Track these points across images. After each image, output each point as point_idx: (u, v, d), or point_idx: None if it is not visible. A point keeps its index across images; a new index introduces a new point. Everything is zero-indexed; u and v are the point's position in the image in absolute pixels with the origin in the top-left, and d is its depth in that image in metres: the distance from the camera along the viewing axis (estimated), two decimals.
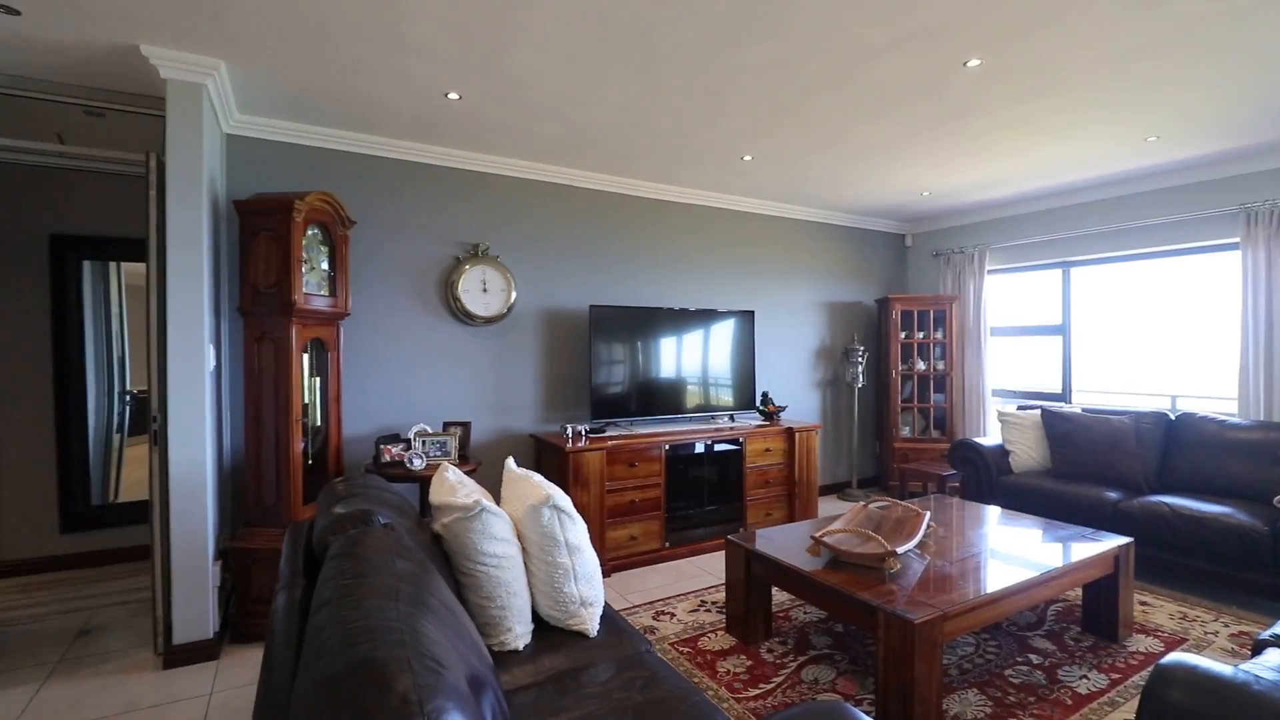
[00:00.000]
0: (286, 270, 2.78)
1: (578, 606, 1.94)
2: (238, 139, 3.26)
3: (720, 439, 4.08)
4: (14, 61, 2.61)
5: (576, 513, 2.00)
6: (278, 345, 2.82)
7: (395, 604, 1.16)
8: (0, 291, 3.47)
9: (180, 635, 2.55)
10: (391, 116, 3.25)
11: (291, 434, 2.80)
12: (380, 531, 1.53)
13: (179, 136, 2.59)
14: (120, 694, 2.35)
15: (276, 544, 2.73)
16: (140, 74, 2.71)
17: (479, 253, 3.87)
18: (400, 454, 3.23)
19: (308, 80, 2.83)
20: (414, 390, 3.70)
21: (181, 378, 2.55)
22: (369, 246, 3.56)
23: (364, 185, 3.57)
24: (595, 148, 3.74)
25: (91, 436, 3.68)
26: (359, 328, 3.52)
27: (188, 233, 2.59)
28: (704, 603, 3.18)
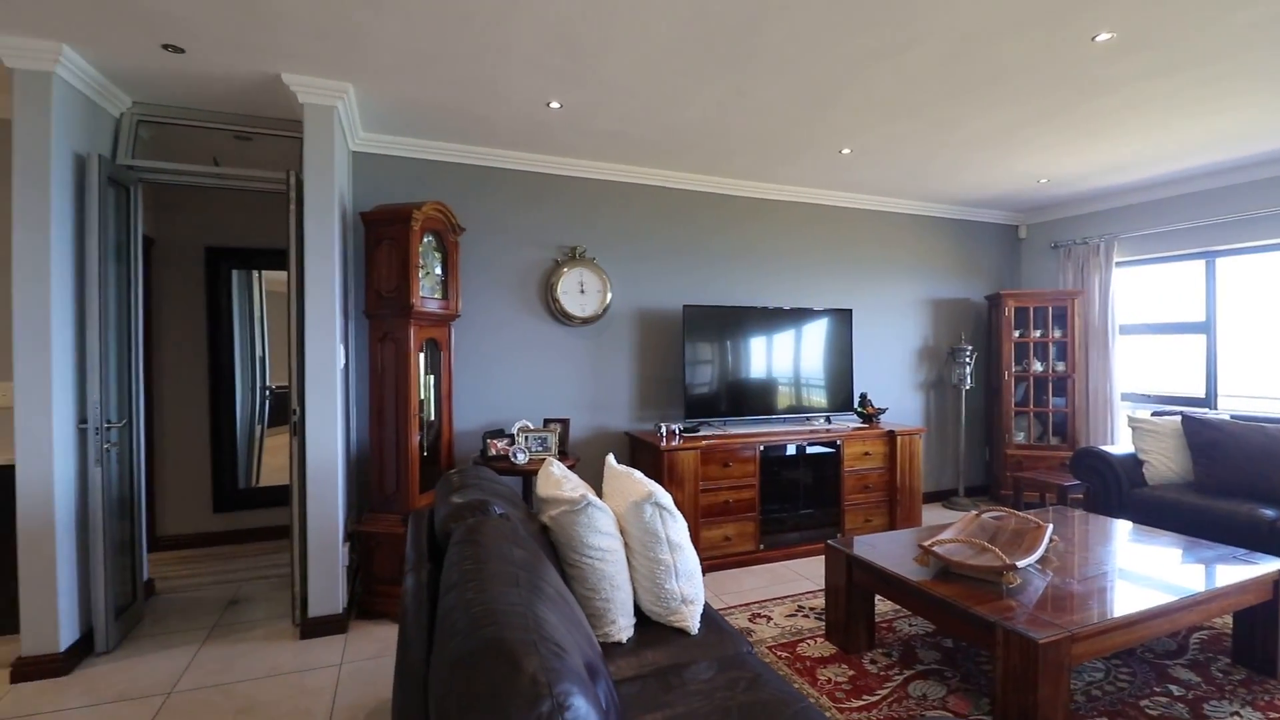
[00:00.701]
0: (405, 275, 2.99)
1: (679, 603, 1.97)
2: (362, 155, 3.54)
3: (816, 441, 3.98)
4: (179, 94, 2.97)
5: (677, 510, 2.02)
6: (398, 345, 3.04)
7: (516, 589, 1.23)
8: (167, 298, 3.97)
9: (314, 609, 2.81)
10: (497, 127, 3.42)
11: (410, 427, 3.01)
12: (497, 521, 1.62)
13: (314, 155, 2.85)
14: (264, 659, 2.62)
15: (396, 529, 2.94)
16: (281, 100, 3.00)
17: (576, 255, 3.98)
18: (505, 448, 3.39)
19: (424, 97, 3.02)
20: (517, 388, 3.87)
21: (317, 375, 2.81)
22: (476, 252, 3.77)
23: (472, 194, 3.77)
24: (689, 148, 3.76)
25: (239, 427, 4.13)
26: (468, 329, 3.73)
27: (322, 243, 2.85)
28: (801, 608, 3.12)
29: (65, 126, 2.56)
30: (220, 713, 2.24)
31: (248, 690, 2.38)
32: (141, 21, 2.32)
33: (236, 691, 2.37)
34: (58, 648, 2.48)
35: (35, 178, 2.46)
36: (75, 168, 2.62)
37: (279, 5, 2.24)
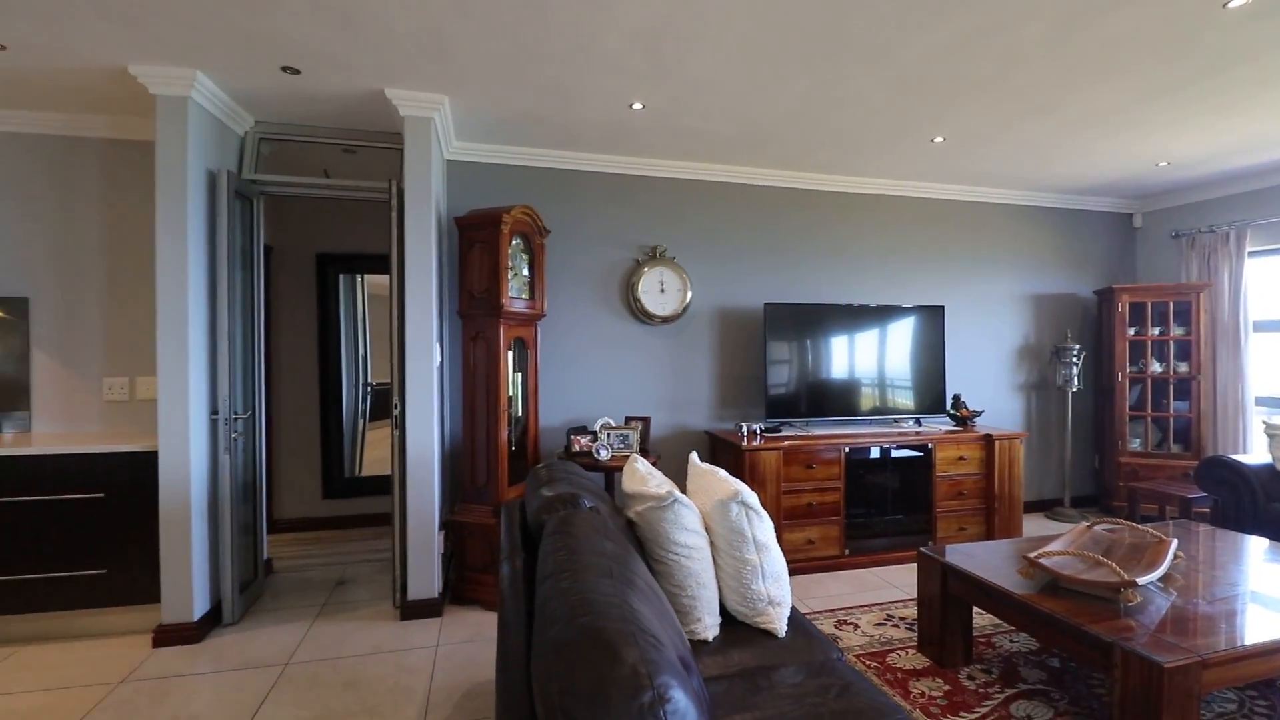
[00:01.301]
0: (496, 277, 3.11)
1: (765, 605, 1.95)
2: (455, 163, 3.71)
3: (905, 444, 3.82)
4: (294, 113, 3.22)
5: (764, 510, 2.00)
6: (488, 344, 3.17)
7: (610, 581, 1.26)
8: (283, 302, 4.31)
9: (413, 593, 2.97)
10: (581, 131, 3.49)
11: (499, 423, 3.13)
12: (587, 514, 1.66)
13: (413, 165, 3.02)
14: (369, 637, 2.80)
15: (486, 519, 3.07)
16: (383, 114, 3.20)
17: (657, 255, 4.01)
18: (588, 444, 3.46)
19: (512, 105, 3.13)
20: (598, 385, 3.94)
21: (416, 372, 2.98)
22: (560, 253, 3.87)
23: (556, 196, 3.88)
24: (771, 144, 3.70)
25: (345, 421, 4.44)
26: (552, 328, 3.84)
27: (420, 248, 3.01)
28: (890, 617, 3.01)
29: (199, 146, 2.84)
30: (330, 685, 2.41)
31: (354, 665, 2.55)
32: (265, 46, 2.54)
33: (344, 666, 2.55)
34: (191, 617, 2.75)
35: (174, 193, 2.74)
36: (207, 183, 2.90)
37: (384, 24, 2.39)
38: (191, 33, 2.43)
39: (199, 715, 2.22)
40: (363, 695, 2.34)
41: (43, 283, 3.17)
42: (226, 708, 2.26)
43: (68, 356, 3.20)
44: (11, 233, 3.15)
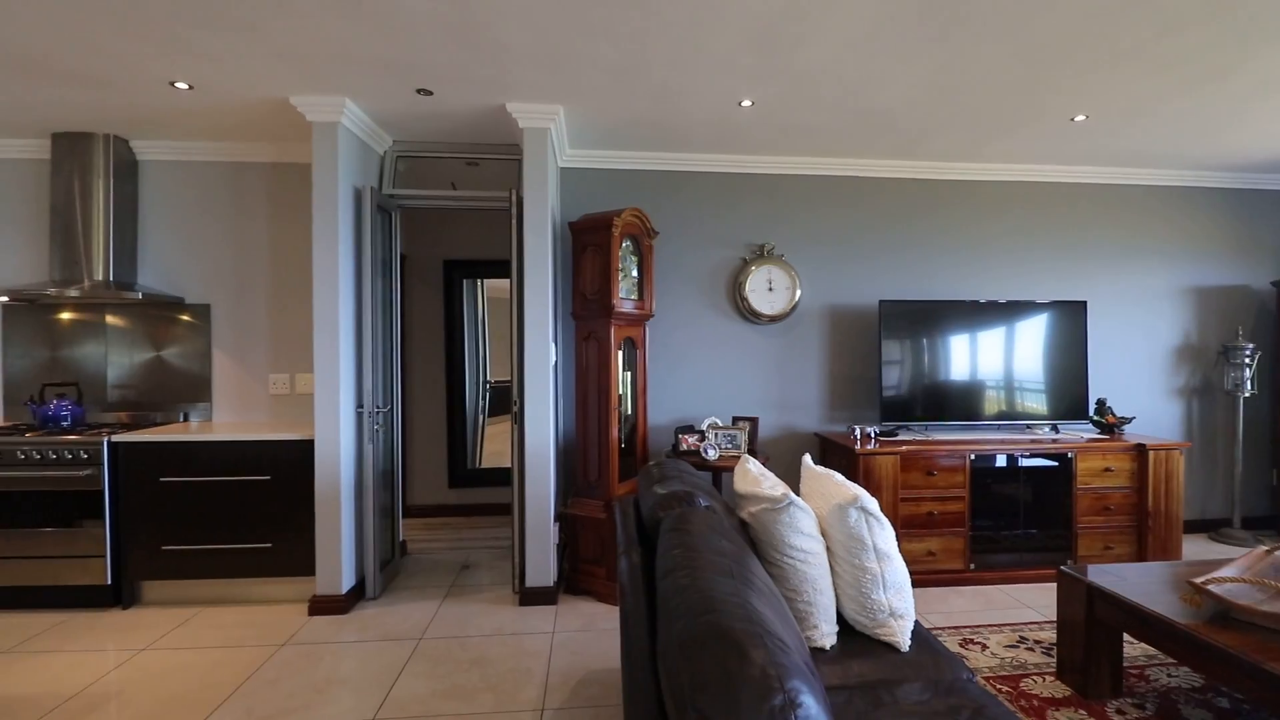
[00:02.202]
0: (607, 279, 3.21)
1: (886, 616, 1.87)
2: (568, 170, 3.86)
3: (1040, 452, 3.52)
4: (426, 131, 3.48)
5: (885, 517, 1.93)
6: (600, 344, 3.27)
7: (730, 580, 1.26)
8: (415, 305, 4.69)
9: (530, 580, 3.13)
10: (689, 132, 3.51)
11: (610, 421, 3.22)
12: (703, 512, 1.68)
13: (532, 173, 3.17)
14: (491, 619, 2.98)
15: (598, 514, 3.17)
16: (504, 127, 3.38)
17: (765, 253, 3.95)
18: (696, 444, 3.48)
19: (623, 110, 3.21)
20: (705, 385, 3.95)
21: (534, 371, 3.14)
22: (667, 253, 3.91)
23: (664, 198, 3.93)
24: (887, 133, 3.54)
25: (468, 416, 4.75)
26: (660, 328, 3.89)
27: (538, 252, 3.16)
28: (1024, 639, 2.79)
29: (347, 165, 3.15)
30: (458, 661, 2.59)
31: (479, 645, 2.73)
32: (403, 72, 2.77)
33: (470, 645, 2.73)
34: (340, 590, 3.05)
35: (327, 209, 3.06)
36: (354, 199, 3.20)
37: (505, 42, 2.53)
38: (343, 65, 2.69)
39: (348, 679, 2.46)
40: (487, 673, 2.49)
41: (221, 291, 3.65)
42: (370, 674, 2.50)
43: (240, 355, 3.66)
44: (197, 249, 3.65)
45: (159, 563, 3.11)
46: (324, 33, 2.44)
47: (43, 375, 3.56)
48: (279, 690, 2.38)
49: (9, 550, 3.02)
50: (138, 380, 3.61)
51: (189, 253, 3.64)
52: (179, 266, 3.64)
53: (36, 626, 2.91)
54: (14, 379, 3.56)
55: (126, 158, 3.52)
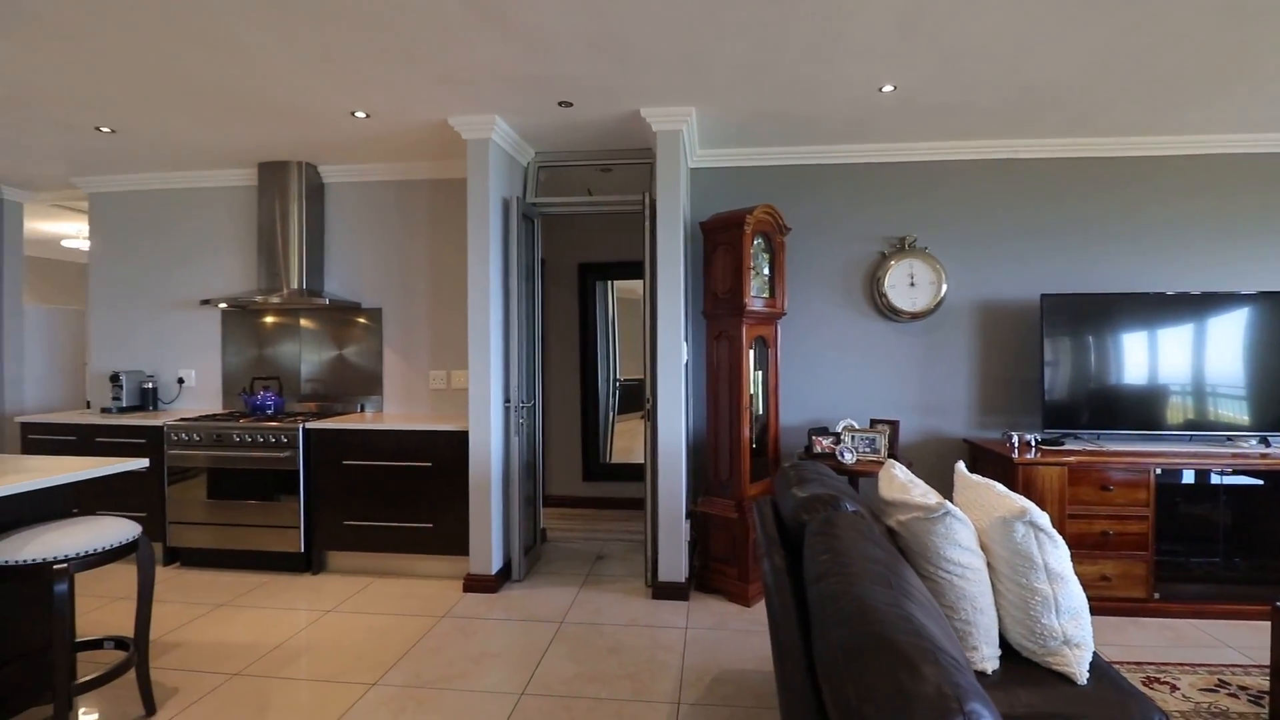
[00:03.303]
0: (739, 277, 3.19)
1: (1059, 644, 1.71)
2: (697, 170, 3.88)
3: (1247, 469, 3.02)
4: (564, 141, 3.65)
5: (1058, 534, 1.75)
6: (731, 343, 3.26)
7: (888, 590, 1.22)
8: (553, 307, 4.95)
9: (663, 575, 3.20)
10: (822, 124, 3.40)
11: (742, 420, 3.20)
12: (851, 517, 1.63)
13: (664, 176, 3.23)
14: (625, 610, 3.08)
15: (729, 513, 3.17)
16: (636, 132, 3.47)
17: (905, 246, 3.73)
18: (831, 446, 3.36)
19: (755, 105, 3.17)
20: (840, 385, 3.81)
21: (666, 369, 3.20)
22: (800, 249, 3.82)
23: (796, 193, 3.83)
24: (1048, 110, 3.20)
25: (600, 413, 4.94)
26: (791, 326, 3.81)
27: (671, 253, 3.21)
28: (1224, 683, 2.42)
29: (497, 178, 3.38)
30: (596, 647, 2.71)
31: (615, 633, 2.83)
32: (547, 87, 2.93)
33: (606, 632, 2.84)
34: (490, 571, 3.30)
35: (480, 220, 3.31)
36: (502, 209, 3.44)
37: (643, 48, 2.59)
38: (494, 84, 2.90)
39: (499, 653, 2.66)
40: (624, 662, 2.58)
41: (391, 296, 4.08)
42: (518, 651, 2.68)
43: (406, 354, 4.07)
44: (371, 259, 4.10)
45: (341, 535, 3.54)
46: (478, 56, 2.64)
47: (252, 370, 4.18)
48: (441, 658, 2.62)
49: (226, 518, 3.58)
50: (324, 375, 4.14)
51: (364, 262, 4.11)
52: (357, 275, 4.12)
53: (246, 585, 3.43)
54: (230, 373, 4.22)
55: (315, 181, 4.04)
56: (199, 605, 3.15)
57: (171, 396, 4.28)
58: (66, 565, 1.92)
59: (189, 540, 3.62)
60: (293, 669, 2.53)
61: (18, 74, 2.75)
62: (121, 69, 2.72)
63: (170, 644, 2.74)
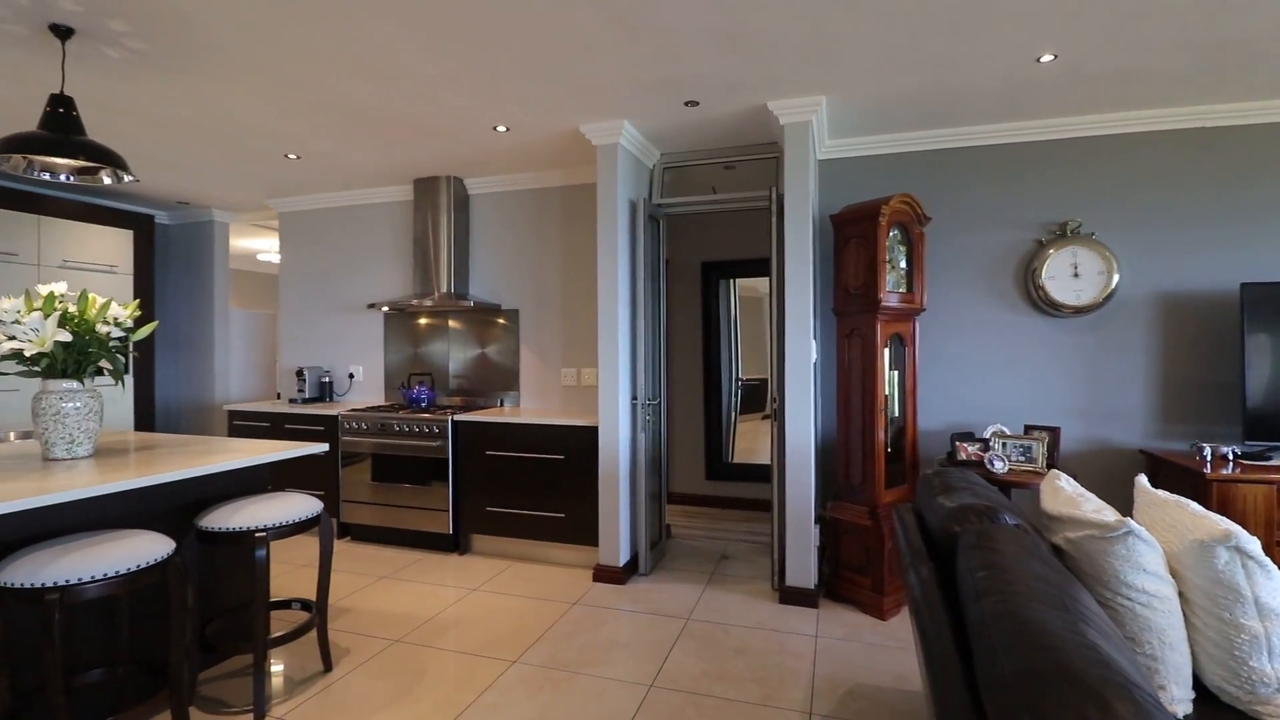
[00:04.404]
0: (873, 271, 3.04)
1: (1272, 691, 1.46)
2: (826, 162, 3.74)
3: None
4: (689, 141, 3.67)
5: (1272, 563, 1.50)
6: (864, 341, 3.12)
7: (1064, 614, 1.10)
8: (676, 306, 5.00)
9: (790, 579, 3.13)
10: (968, 103, 3.15)
11: (876, 422, 3.05)
12: (1012, 531, 1.50)
13: (793, 169, 3.15)
14: (751, 612, 3.05)
15: (861, 519, 3.03)
16: (762, 126, 3.41)
17: (1067, 232, 3.36)
18: (977, 453, 3.11)
19: (892, 90, 3.00)
20: (986, 387, 3.51)
21: (794, 368, 3.12)
22: (941, 240, 3.56)
23: (936, 180, 3.58)
24: (1247, 69, 2.74)
25: (723, 412, 4.92)
26: (932, 323, 3.56)
27: (799, 249, 3.13)
28: None
29: (624, 182, 3.48)
30: (723, 647, 2.70)
31: (741, 635, 2.81)
32: (674, 88, 2.96)
33: (733, 633, 2.83)
34: (618, 562, 3.40)
35: (609, 223, 3.42)
36: (629, 211, 3.53)
37: (771, 40, 2.54)
38: (623, 90, 2.98)
39: (627, 644, 2.73)
40: (751, 664, 2.55)
41: (526, 298, 4.33)
42: (645, 643, 2.74)
43: (540, 352, 4.30)
44: (509, 263, 4.38)
45: (484, 520, 3.81)
46: (610, 64, 2.72)
47: (408, 366, 4.62)
48: (573, 643, 2.74)
49: (387, 499, 3.98)
50: (469, 371, 4.48)
51: (503, 267, 4.40)
52: (497, 278, 4.42)
53: (403, 560, 3.79)
54: (390, 369, 4.70)
55: (462, 193, 4.38)
56: (365, 576, 3.54)
57: (344, 389, 4.85)
58: (265, 534, 2.23)
59: (357, 517, 4.08)
60: (443, 640, 2.77)
61: (221, 110, 3.23)
62: (304, 101, 3.11)
63: (343, 609, 3.09)
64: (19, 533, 1.90)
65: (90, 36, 2.45)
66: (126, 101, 3.07)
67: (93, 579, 1.75)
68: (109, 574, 1.78)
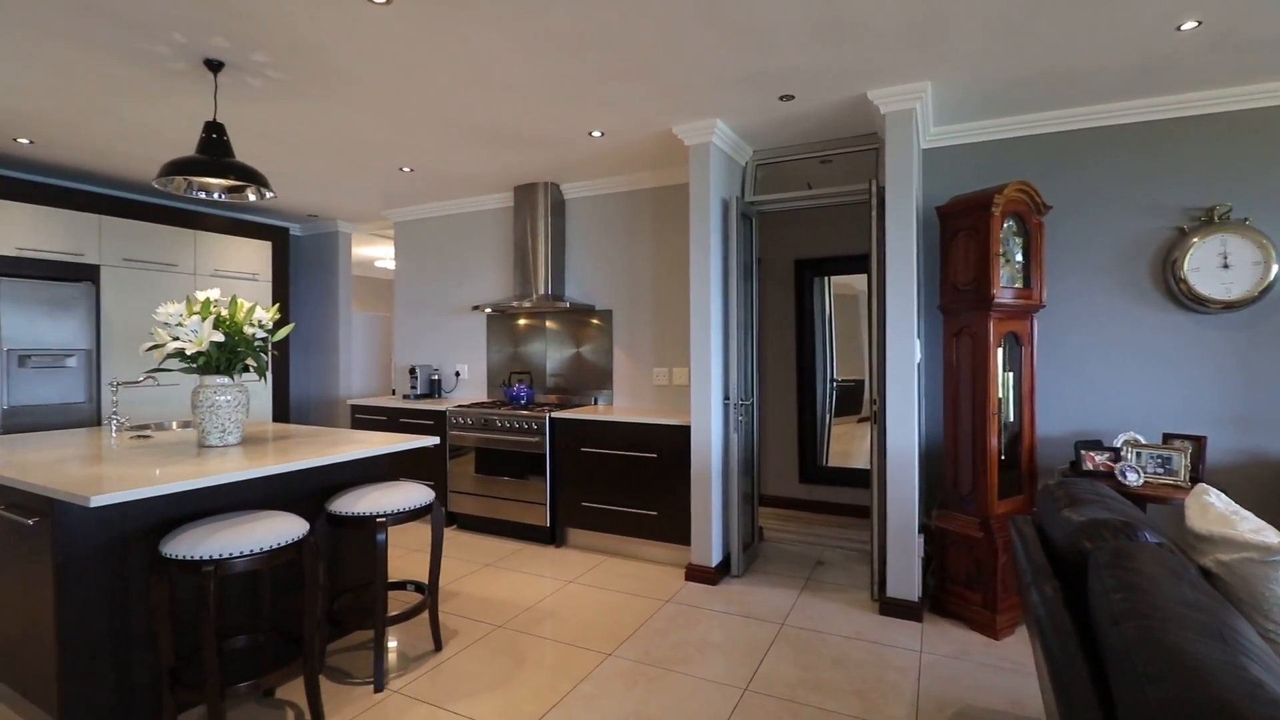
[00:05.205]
0: (985, 266, 2.85)
1: None
2: (930, 152, 3.55)
3: None
4: (783, 136, 3.59)
5: None
6: (974, 340, 2.93)
7: (1220, 644, 0.99)
8: (768, 305, 4.92)
9: (891, 590, 2.99)
10: (1096, 79, 2.88)
11: (988, 427, 2.86)
12: (1154, 550, 1.36)
13: (894, 160, 3.01)
14: (850, 622, 2.94)
15: (971, 531, 2.85)
16: (861, 117, 3.28)
17: (1215, 218, 2.99)
18: (1106, 463, 2.84)
19: (1007, 71, 2.80)
20: (1115, 391, 3.19)
21: (897, 369, 2.98)
22: (1062, 231, 3.28)
23: (1056, 166, 3.30)
24: None
25: (817, 414, 4.78)
26: (1052, 320, 3.29)
27: (901, 244, 2.99)
28: None
29: (717, 180, 3.46)
30: (819, 656, 2.63)
31: (839, 645, 2.72)
32: (768, 82, 2.91)
33: (830, 642, 2.74)
34: (710, 563, 3.39)
35: (701, 222, 3.41)
36: (721, 210, 3.51)
37: (872, 26, 2.44)
38: (716, 88, 2.96)
39: (720, 645, 2.72)
40: (850, 676, 2.47)
41: (619, 298, 4.42)
42: (739, 645, 2.71)
43: (632, 352, 4.37)
44: (602, 265, 4.48)
45: (579, 515, 3.93)
46: (704, 63, 2.72)
47: (509, 365, 4.84)
48: (667, 640, 2.76)
49: (489, 491, 4.19)
50: (564, 370, 4.63)
51: (597, 268, 4.51)
52: (591, 280, 4.53)
53: (505, 550, 3.96)
54: (493, 368, 4.94)
55: (558, 199, 4.53)
56: (471, 563, 3.74)
57: (451, 386, 5.15)
58: (385, 519, 2.41)
59: (462, 507, 4.32)
60: (542, 629, 2.88)
61: (346, 130, 3.51)
62: (418, 117, 3.32)
63: (451, 593, 3.28)
64: (180, 510, 2.17)
65: (237, 69, 2.74)
66: (266, 125, 3.41)
67: (241, 554, 1.96)
68: (255, 550, 1.99)
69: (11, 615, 2.09)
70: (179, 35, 2.45)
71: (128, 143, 3.66)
